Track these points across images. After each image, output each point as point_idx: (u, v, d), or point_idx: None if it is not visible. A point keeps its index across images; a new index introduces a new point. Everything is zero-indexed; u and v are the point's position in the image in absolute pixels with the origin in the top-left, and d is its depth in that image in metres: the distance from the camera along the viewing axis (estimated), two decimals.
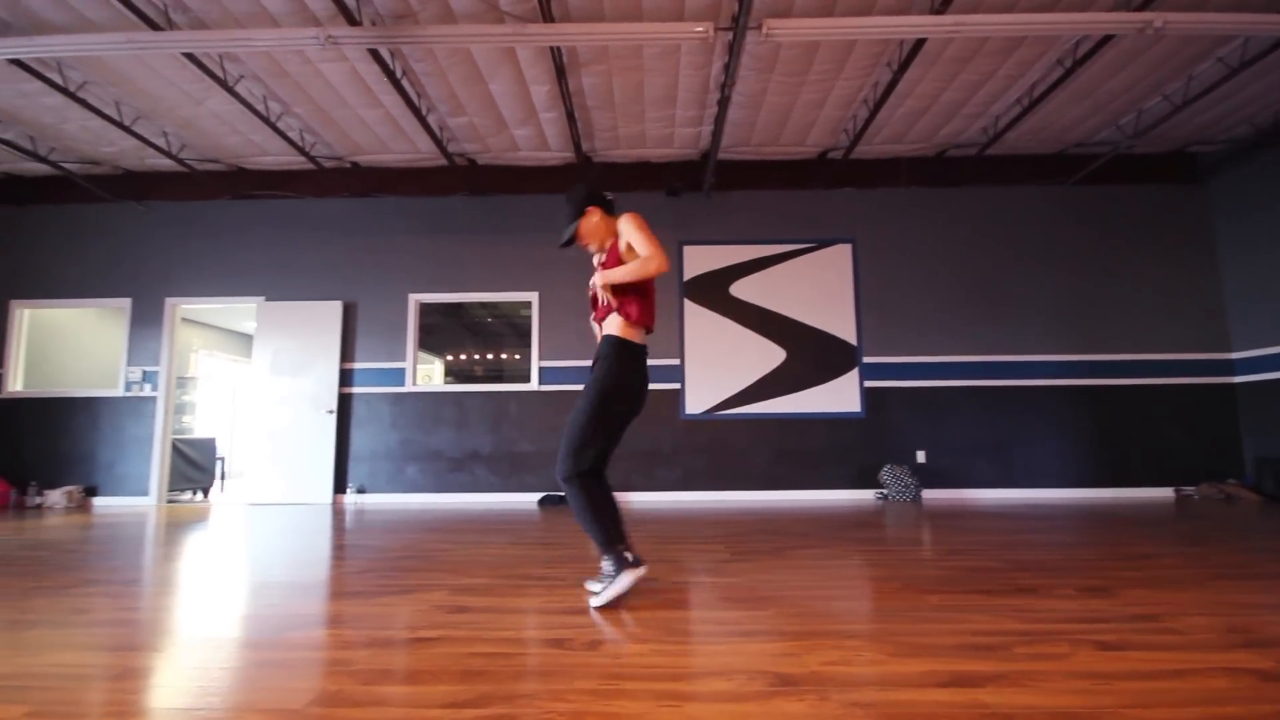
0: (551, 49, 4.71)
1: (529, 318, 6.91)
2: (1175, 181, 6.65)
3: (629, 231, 2.41)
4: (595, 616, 2.18)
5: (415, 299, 6.80)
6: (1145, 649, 1.79)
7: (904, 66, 4.76)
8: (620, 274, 2.35)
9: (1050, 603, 2.29)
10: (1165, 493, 6.19)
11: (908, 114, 5.80)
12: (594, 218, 2.53)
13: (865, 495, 6.28)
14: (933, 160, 6.69)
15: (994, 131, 6.05)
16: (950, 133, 6.18)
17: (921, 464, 6.33)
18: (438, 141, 6.00)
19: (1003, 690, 1.49)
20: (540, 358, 6.66)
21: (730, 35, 4.37)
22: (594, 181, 2.63)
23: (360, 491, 6.50)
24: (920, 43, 4.49)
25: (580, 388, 6.38)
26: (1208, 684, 1.52)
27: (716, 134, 5.64)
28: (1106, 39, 4.53)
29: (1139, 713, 1.37)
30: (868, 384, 6.49)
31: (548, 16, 4.24)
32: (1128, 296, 6.52)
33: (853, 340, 6.55)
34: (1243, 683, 1.52)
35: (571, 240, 2.56)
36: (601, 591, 2.30)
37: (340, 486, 6.51)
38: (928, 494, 6.23)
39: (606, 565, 2.31)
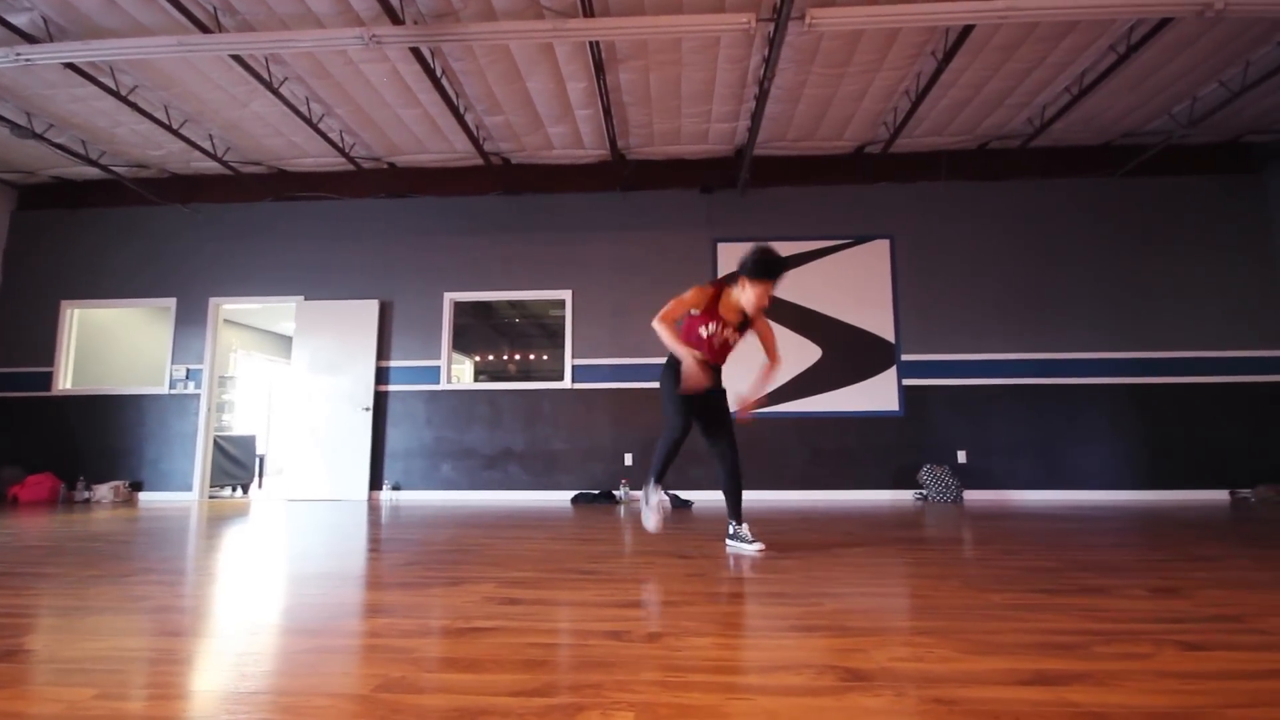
0: (590, 44, 4.70)
1: (558, 317, 6.92)
2: (1230, 172, 6.41)
3: (767, 333, 3.31)
4: (648, 609, 2.15)
5: (450, 297, 6.86)
6: (1232, 649, 1.69)
7: (949, 55, 4.65)
8: (771, 382, 3.35)
9: (1122, 603, 2.19)
10: (1219, 495, 5.96)
11: (951, 105, 5.68)
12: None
13: (904, 496, 6.16)
14: (975, 153, 6.54)
15: (1040, 122, 5.89)
16: (994, 124, 6.03)
17: (962, 464, 6.18)
18: (474, 141, 6.04)
19: (1090, 690, 1.41)
20: (573, 356, 6.66)
21: (771, 27, 4.31)
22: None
23: (396, 488, 6.56)
24: (968, 29, 4.38)
25: (616, 386, 6.43)
26: None
27: (753, 129, 5.58)
28: (1163, 23, 4.37)
29: (1239, 713, 1.29)
30: (906, 382, 6.36)
31: (588, 11, 4.23)
32: (1179, 291, 6.29)
33: (891, 338, 6.43)
34: None
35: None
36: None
37: (376, 483, 6.58)
38: (969, 495, 6.08)
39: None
